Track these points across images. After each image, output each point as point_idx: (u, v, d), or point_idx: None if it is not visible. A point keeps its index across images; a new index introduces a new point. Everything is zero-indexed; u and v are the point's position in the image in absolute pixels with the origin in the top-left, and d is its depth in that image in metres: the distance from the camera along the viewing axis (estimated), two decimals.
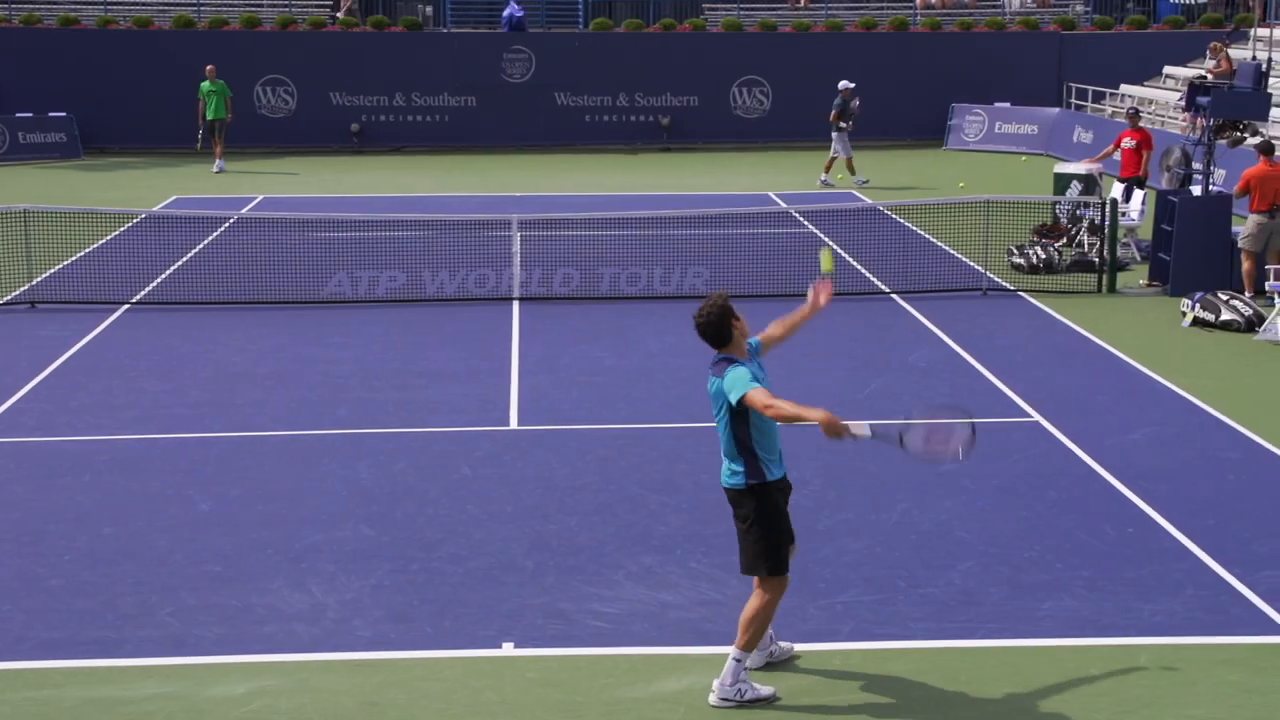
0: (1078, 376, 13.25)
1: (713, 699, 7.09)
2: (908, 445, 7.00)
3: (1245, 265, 15.72)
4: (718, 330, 7.11)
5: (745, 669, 7.13)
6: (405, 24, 32.94)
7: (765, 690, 7.16)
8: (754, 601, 7.10)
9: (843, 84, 26.17)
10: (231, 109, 28.60)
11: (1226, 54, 27.47)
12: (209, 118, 28.23)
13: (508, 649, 7.75)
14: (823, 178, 26.23)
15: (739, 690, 7.08)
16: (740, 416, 7.01)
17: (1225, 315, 15.02)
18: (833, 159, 26.16)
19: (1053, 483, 10.31)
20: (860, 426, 6.89)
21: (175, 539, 9.29)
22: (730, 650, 7.13)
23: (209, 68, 28.27)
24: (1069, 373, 13.38)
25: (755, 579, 7.13)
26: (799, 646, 7.71)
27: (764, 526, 7.04)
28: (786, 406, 6.82)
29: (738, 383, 6.92)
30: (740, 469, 7.06)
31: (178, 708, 7.11)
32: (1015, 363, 13.65)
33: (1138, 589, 8.45)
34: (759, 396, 6.84)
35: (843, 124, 25.79)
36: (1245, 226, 15.85)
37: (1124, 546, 9.13)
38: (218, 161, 28.24)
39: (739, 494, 7.09)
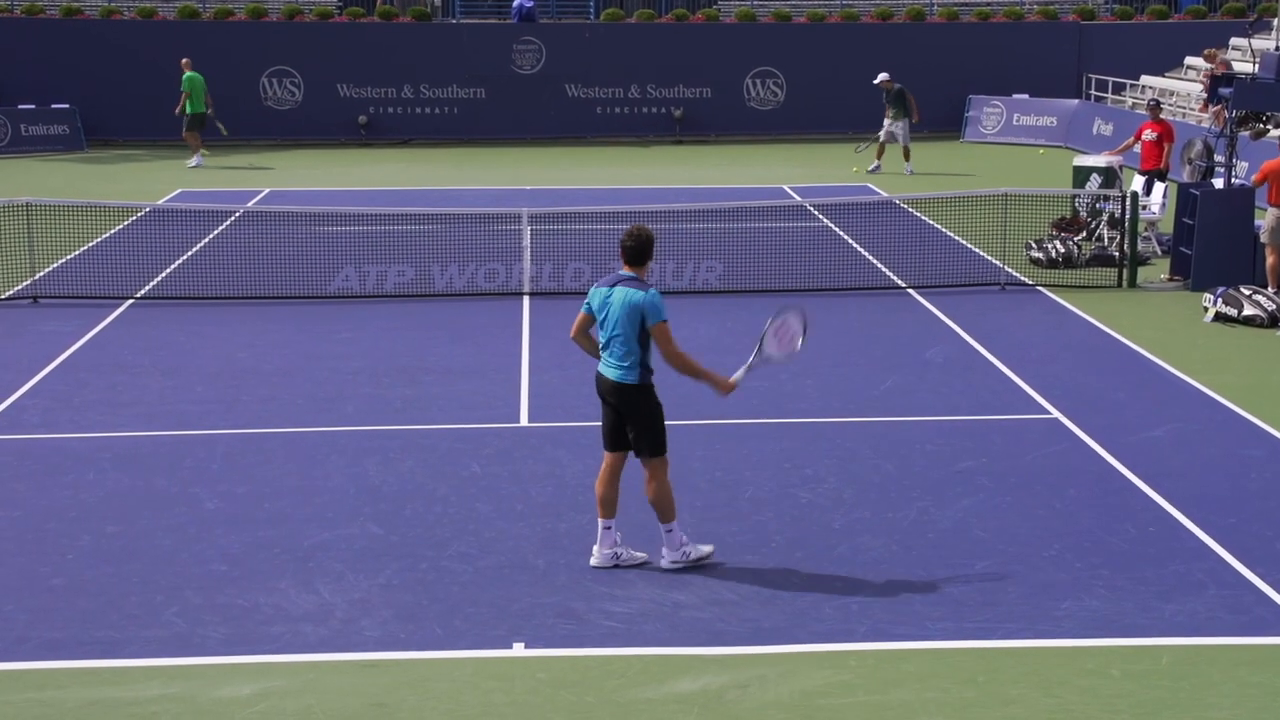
0: (1097, 372, 13.11)
1: (664, 563, 8.51)
2: (769, 355, 8.61)
3: (1270, 260, 15.53)
4: (644, 249, 8.43)
5: (682, 533, 8.54)
6: (414, 15, 32.85)
7: (705, 548, 8.62)
8: (656, 480, 8.45)
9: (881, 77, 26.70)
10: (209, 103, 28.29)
11: (1223, 61, 27.27)
12: (191, 112, 27.86)
13: (518, 649, 7.65)
14: (908, 167, 26.36)
15: (684, 553, 8.51)
16: (646, 335, 8.30)
17: (1248, 310, 14.86)
18: (904, 147, 26.40)
19: (1072, 480, 10.18)
20: (739, 374, 8.57)
21: (180, 538, 9.19)
22: (662, 529, 8.51)
23: (184, 60, 28.04)
24: (1089, 369, 13.24)
25: (650, 464, 8.41)
26: (814, 647, 7.61)
27: (655, 415, 8.42)
28: (688, 357, 8.36)
29: (660, 308, 8.28)
30: (636, 369, 8.34)
31: (183, 709, 7.03)
32: (1034, 358, 13.51)
33: (1159, 588, 8.34)
34: (669, 331, 8.29)
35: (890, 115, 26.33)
36: (1265, 220, 15.66)
37: (1145, 545, 9.01)
38: (195, 157, 27.95)
39: (634, 390, 8.35)
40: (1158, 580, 8.45)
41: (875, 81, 26.81)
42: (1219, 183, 17.10)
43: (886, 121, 26.40)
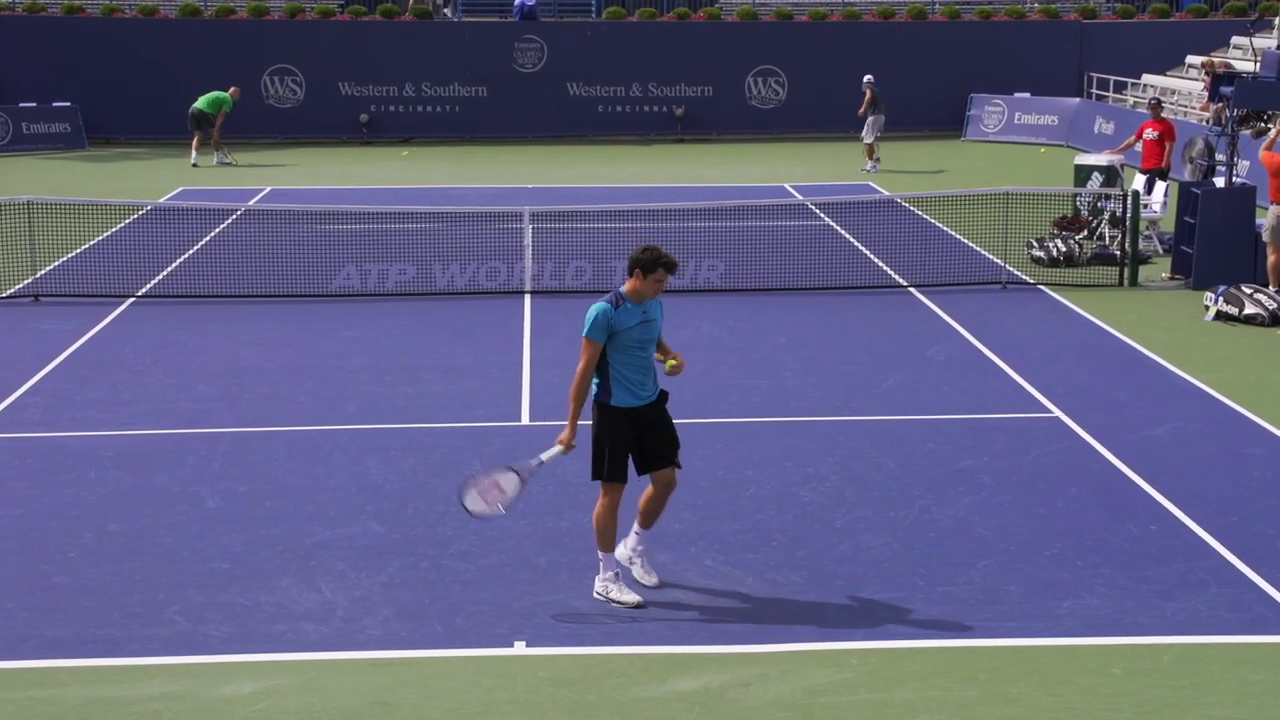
0: (1099, 371, 13.10)
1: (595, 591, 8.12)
2: (466, 498, 8.18)
3: (1271, 259, 15.52)
4: (633, 262, 8.01)
5: (615, 572, 8.08)
6: (415, 13, 32.83)
7: (630, 597, 8.03)
8: (598, 504, 8.08)
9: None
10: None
11: (1223, 62, 27.26)
12: (206, 110, 27.91)
13: (520, 648, 7.65)
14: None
15: (605, 588, 8.08)
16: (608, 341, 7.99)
17: (1249, 309, 14.85)
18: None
19: (1073, 479, 10.17)
20: (536, 460, 8.20)
21: (182, 536, 9.19)
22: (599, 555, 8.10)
23: (233, 89, 28.16)
24: (1090, 367, 13.23)
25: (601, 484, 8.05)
26: (815, 646, 7.60)
27: (599, 439, 8.03)
28: (576, 387, 8.02)
29: (587, 324, 7.99)
30: (599, 383, 8.05)
31: (184, 707, 7.02)
32: (1035, 357, 13.50)
33: (1160, 587, 8.33)
34: (585, 350, 7.98)
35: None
36: (1267, 219, 15.65)
37: (1146, 544, 9.00)
38: (216, 155, 28.05)
39: (593, 404, 8.08)
40: (1159, 579, 8.44)
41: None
42: (1220, 181, 17.09)
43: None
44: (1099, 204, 19.00)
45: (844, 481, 10.13)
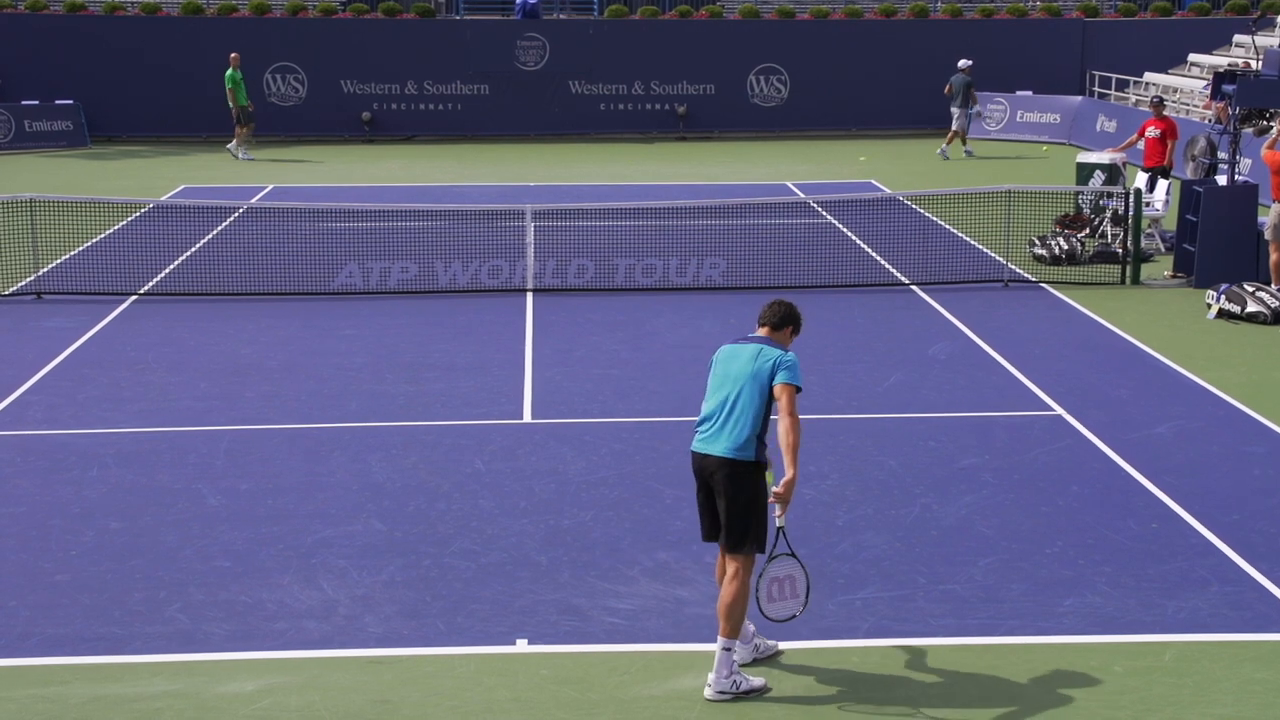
0: (1101, 369, 13.09)
1: (709, 693, 7.02)
2: (761, 590, 7.14)
3: (1273, 257, 15.50)
4: (792, 321, 7.37)
5: (736, 659, 7.09)
6: (417, 11, 32.81)
7: (758, 681, 7.12)
8: (737, 582, 7.05)
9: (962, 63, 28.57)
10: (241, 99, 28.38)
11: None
12: (241, 104, 28.02)
13: (521, 646, 7.65)
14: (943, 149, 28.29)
15: (735, 682, 7.03)
16: (769, 401, 7.09)
17: (1251, 307, 14.83)
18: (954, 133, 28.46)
19: (1075, 477, 10.16)
20: (780, 517, 7.12)
21: (184, 534, 9.19)
22: (718, 641, 7.05)
23: (233, 55, 28.12)
24: (1092, 365, 13.22)
25: (738, 560, 7.07)
26: (817, 644, 7.60)
27: (761, 504, 7.07)
28: (797, 433, 6.95)
29: (797, 372, 7.10)
30: (752, 444, 7.05)
31: (186, 705, 7.02)
32: (1037, 355, 13.49)
33: (1162, 585, 8.33)
34: (794, 398, 7.03)
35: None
36: (1269, 216, 15.64)
37: (1148, 542, 8.99)
38: (243, 149, 28.16)
39: (746, 467, 7.05)
40: (1160, 577, 8.44)
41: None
42: (1222, 179, 17.07)
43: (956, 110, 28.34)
44: (1101, 202, 18.98)
45: (845, 479, 10.13)
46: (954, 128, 28.63)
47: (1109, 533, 9.13)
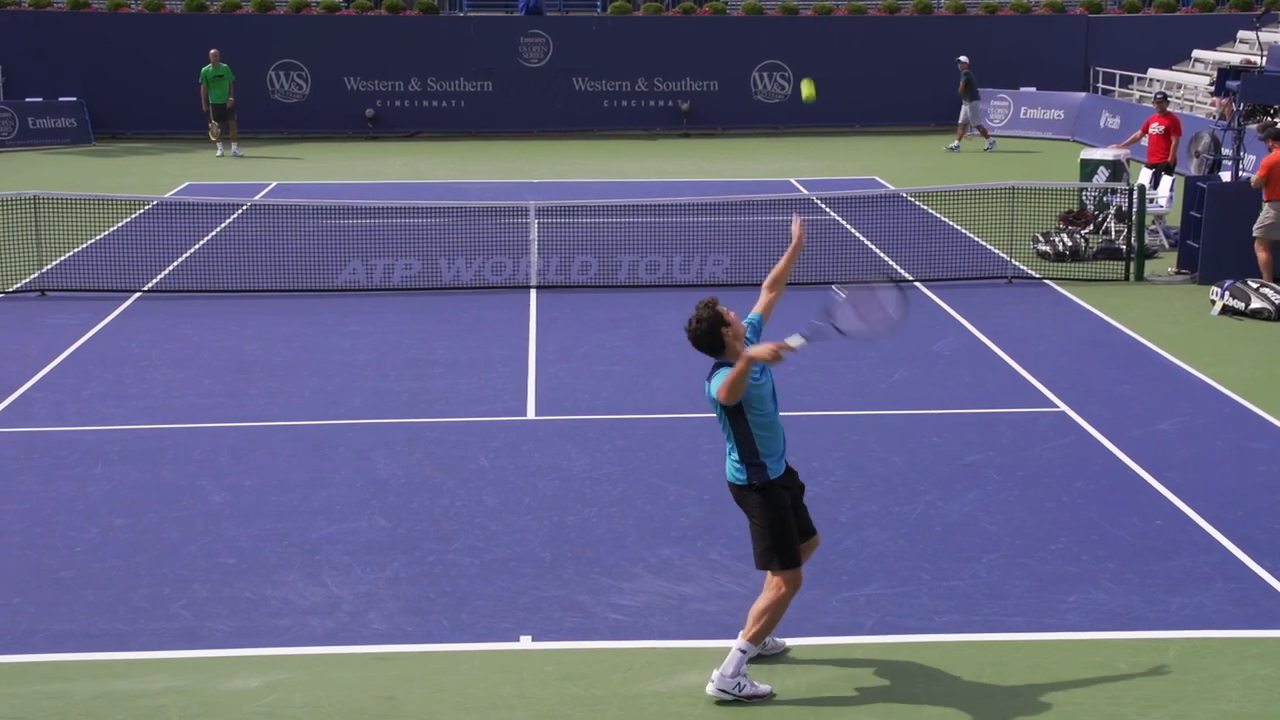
0: (1104, 366, 13.08)
1: (710, 689, 6.98)
2: (844, 328, 7.00)
3: (1261, 256, 15.49)
4: (710, 343, 7.12)
5: (747, 662, 7.02)
6: (421, 7, 32.81)
7: (763, 688, 7.04)
8: (769, 595, 7.02)
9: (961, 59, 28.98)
10: (233, 93, 28.27)
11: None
12: (213, 102, 28.00)
13: (525, 642, 7.65)
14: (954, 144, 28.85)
15: (739, 684, 6.97)
16: (738, 414, 6.98)
17: (1255, 304, 14.82)
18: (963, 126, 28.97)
19: (1079, 473, 10.16)
20: (794, 339, 6.80)
21: (188, 531, 9.20)
22: (736, 640, 7.02)
23: (212, 51, 28.08)
24: (1096, 362, 13.21)
25: (769, 573, 7.06)
26: (820, 640, 7.59)
27: (769, 523, 6.99)
28: (737, 368, 6.76)
29: (714, 382, 6.95)
30: (743, 466, 7.03)
31: (191, 701, 7.03)
32: (1041, 351, 13.48)
33: (1166, 582, 8.32)
34: (717, 382, 6.92)
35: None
36: (1263, 215, 15.59)
37: (1152, 538, 8.99)
38: (233, 146, 28.11)
39: (742, 490, 7.07)
40: (1164, 573, 8.44)
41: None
42: (1226, 176, 17.04)
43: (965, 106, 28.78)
44: (1105, 198, 18.95)
45: (849, 476, 10.13)
46: (959, 121, 29.00)
47: (1113, 529, 9.13)
